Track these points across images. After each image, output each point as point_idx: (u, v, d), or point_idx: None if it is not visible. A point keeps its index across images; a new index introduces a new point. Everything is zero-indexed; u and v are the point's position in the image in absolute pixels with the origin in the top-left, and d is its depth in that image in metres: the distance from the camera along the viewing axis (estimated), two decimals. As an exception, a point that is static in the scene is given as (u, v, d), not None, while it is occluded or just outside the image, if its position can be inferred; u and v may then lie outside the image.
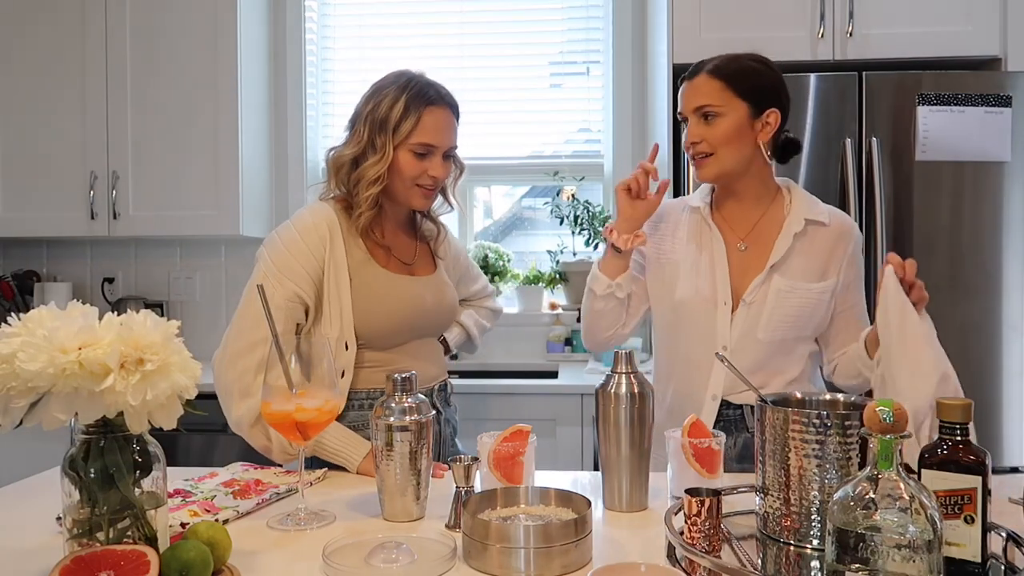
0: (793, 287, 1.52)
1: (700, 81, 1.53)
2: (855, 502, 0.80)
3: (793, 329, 1.53)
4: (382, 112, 1.47)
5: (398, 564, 0.97)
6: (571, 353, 3.10)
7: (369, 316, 1.46)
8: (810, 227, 1.56)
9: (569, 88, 3.33)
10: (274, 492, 1.29)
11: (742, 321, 1.54)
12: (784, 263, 1.54)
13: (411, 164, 1.47)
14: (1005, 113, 2.28)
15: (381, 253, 1.53)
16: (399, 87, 1.48)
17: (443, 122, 1.50)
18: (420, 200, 1.52)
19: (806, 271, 1.54)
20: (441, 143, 1.49)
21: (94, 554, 0.86)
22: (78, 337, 0.85)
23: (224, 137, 2.89)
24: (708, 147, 1.52)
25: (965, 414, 0.92)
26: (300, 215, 1.50)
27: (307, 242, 1.45)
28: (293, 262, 1.44)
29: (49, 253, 3.32)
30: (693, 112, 1.53)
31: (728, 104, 1.50)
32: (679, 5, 2.48)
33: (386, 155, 1.46)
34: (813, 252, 1.55)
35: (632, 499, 1.22)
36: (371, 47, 3.32)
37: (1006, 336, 2.31)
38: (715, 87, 1.51)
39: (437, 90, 1.51)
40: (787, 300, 1.52)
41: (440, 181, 1.52)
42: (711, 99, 1.50)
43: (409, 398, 1.19)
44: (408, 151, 1.47)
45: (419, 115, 1.46)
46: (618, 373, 1.24)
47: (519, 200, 3.54)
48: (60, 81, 2.93)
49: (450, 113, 1.52)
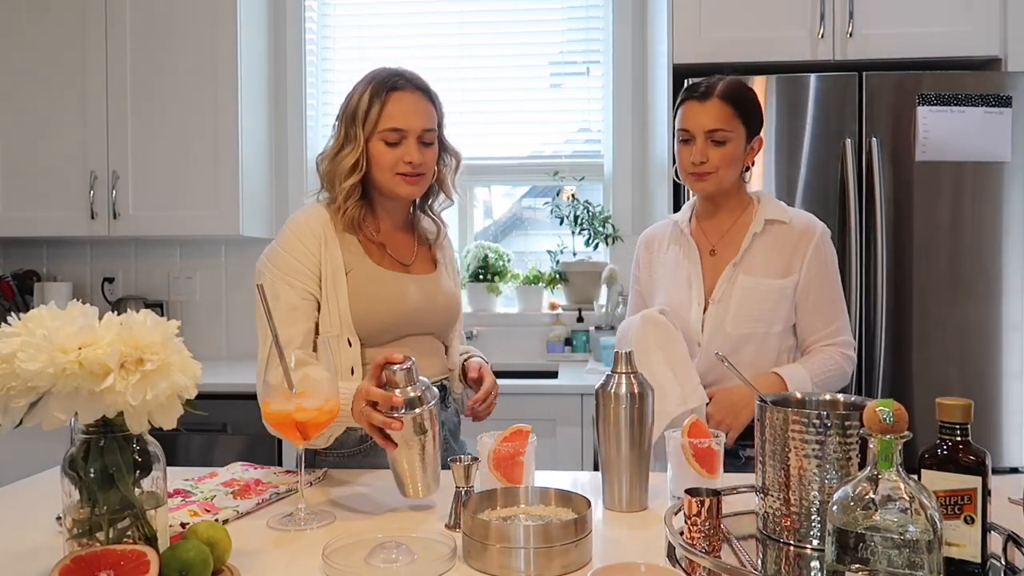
0: (756, 284, 1.62)
1: (713, 106, 1.60)
2: (855, 502, 0.80)
3: (760, 323, 1.61)
4: (352, 105, 1.49)
5: (398, 564, 0.97)
6: (571, 353, 3.10)
7: (363, 312, 1.46)
8: (772, 226, 1.65)
9: (569, 88, 3.33)
10: (274, 492, 1.29)
11: (712, 318, 1.63)
12: (746, 261, 1.64)
13: (385, 152, 1.47)
14: (1005, 113, 2.28)
15: (375, 250, 1.53)
16: (366, 79, 1.50)
17: (410, 106, 1.47)
18: (405, 187, 1.49)
19: (768, 268, 1.63)
20: (410, 126, 1.47)
21: (94, 554, 0.86)
22: (78, 337, 0.85)
23: (224, 137, 2.89)
24: (712, 167, 1.61)
25: (965, 414, 0.92)
26: (294, 217, 1.51)
27: (303, 241, 1.46)
28: (295, 262, 1.45)
29: (49, 253, 3.32)
30: (705, 133, 1.60)
31: (735, 130, 1.61)
32: (679, 5, 2.48)
33: (358, 144, 1.46)
34: (776, 249, 1.64)
35: (632, 499, 1.22)
36: (371, 47, 3.32)
37: (1006, 336, 2.31)
38: (727, 113, 1.60)
39: (403, 75, 1.49)
40: (751, 296, 1.61)
41: (421, 167, 1.48)
42: (723, 124, 1.59)
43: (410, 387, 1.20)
44: (379, 140, 1.46)
45: (383, 101, 1.46)
46: (618, 373, 1.24)
47: (519, 200, 3.55)
48: (60, 81, 2.93)
49: (420, 96, 1.49)
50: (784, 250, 1.64)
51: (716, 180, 1.62)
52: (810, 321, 1.64)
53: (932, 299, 2.32)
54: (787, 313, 1.63)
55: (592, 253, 3.18)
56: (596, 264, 3.14)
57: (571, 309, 3.17)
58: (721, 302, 1.63)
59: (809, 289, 1.62)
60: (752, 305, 1.61)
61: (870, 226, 2.30)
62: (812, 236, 1.64)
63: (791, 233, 1.64)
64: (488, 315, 3.20)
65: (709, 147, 1.60)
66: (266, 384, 1.17)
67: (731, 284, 1.63)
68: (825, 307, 1.64)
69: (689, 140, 1.62)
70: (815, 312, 1.63)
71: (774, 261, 1.63)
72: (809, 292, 1.63)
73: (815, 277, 1.63)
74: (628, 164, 3.18)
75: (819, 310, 1.63)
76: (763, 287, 1.61)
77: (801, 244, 1.64)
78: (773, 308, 1.61)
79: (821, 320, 1.64)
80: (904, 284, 2.32)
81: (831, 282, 1.66)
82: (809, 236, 1.64)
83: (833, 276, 1.66)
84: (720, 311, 1.63)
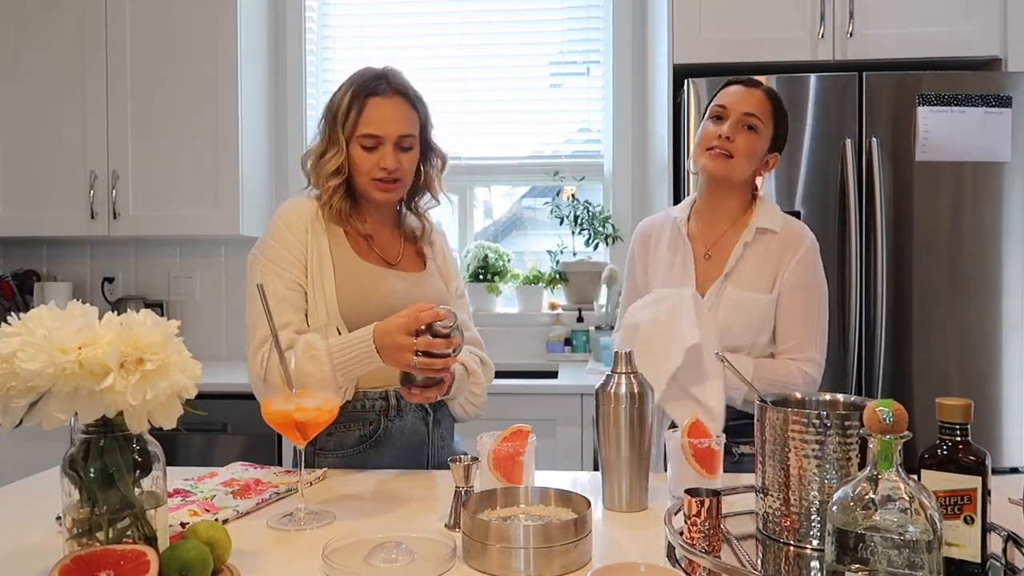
0: (742, 298, 1.60)
1: (758, 95, 1.62)
2: (855, 502, 0.80)
3: (746, 335, 1.59)
4: (334, 105, 1.49)
5: (398, 564, 0.97)
6: (571, 353, 3.10)
7: (348, 304, 1.46)
8: (762, 236, 1.63)
9: (569, 88, 3.33)
10: (274, 492, 1.29)
11: None
12: (737, 272, 1.62)
13: (363, 158, 1.48)
14: (1005, 113, 2.28)
15: (362, 244, 1.53)
16: (349, 81, 1.50)
17: (388, 112, 1.47)
18: (378, 194, 1.50)
19: (756, 282, 1.61)
20: (387, 133, 1.47)
21: (94, 554, 0.86)
22: (78, 337, 0.85)
23: (224, 137, 2.89)
24: (733, 150, 1.59)
25: (965, 414, 0.92)
26: (283, 206, 1.53)
27: (291, 229, 1.47)
28: (283, 251, 1.47)
29: (49, 253, 3.32)
30: (742, 114, 1.60)
31: (768, 124, 1.62)
32: (679, 5, 2.48)
33: (340, 148, 1.48)
34: (765, 261, 1.62)
35: (632, 499, 1.22)
36: (371, 47, 3.32)
37: (1006, 336, 2.31)
38: (767, 107, 1.62)
39: (387, 79, 1.49)
40: (737, 310, 1.59)
41: (395, 173, 1.48)
42: (761, 113, 1.60)
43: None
44: (357, 144, 1.47)
45: (362, 106, 1.47)
46: (618, 373, 1.24)
47: (519, 200, 3.54)
48: (60, 81, 2.93)
49: (400, 101, 1.49)
50: (771, 262, 1.61)
51: (730, 166, 1.59)
52: (780, 331, 1.60)
53: (932, 299, 2.31)
54: (772, 326, 1.61)
55: (592, 253, 3.18)
56: (596, 264, 3.14)
57: (571, 309, 3.17)
58: (710, 311, 1.60)
59: (783, 299, 1.60)
60: (739, 318, 1.59)
61: (870, 226, 2.30)
62: (798, 248, 1.61)
63: (778, 240, 1.62)
64: (488, 315, 3.20)
65: (740, 130, 1.59)
66: (266, 384, 1.17)
67: (719, 296, 1.61)
68: (797, 320, 1.59)
69: (722, 118, 1.61)
70: (786, 322, 1.59)
71: (762, 274, 1.61)
72: (782, 302, 1.60)
73: (790, 288, 1.59)
74: (628, 164, 3.18)
75: (790, 322, 1.59)
76: (749, 301, 1.59)
77: (786, 255, 1.61)
78: (760, 322, 1.59)
79: (790, 331, 1.59)
80: (904, 284, 2.32)
81: (808, 296, 1.61)
82: (795, 247, 1.61)
83: (813, 290, 1.61)
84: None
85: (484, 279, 3.19)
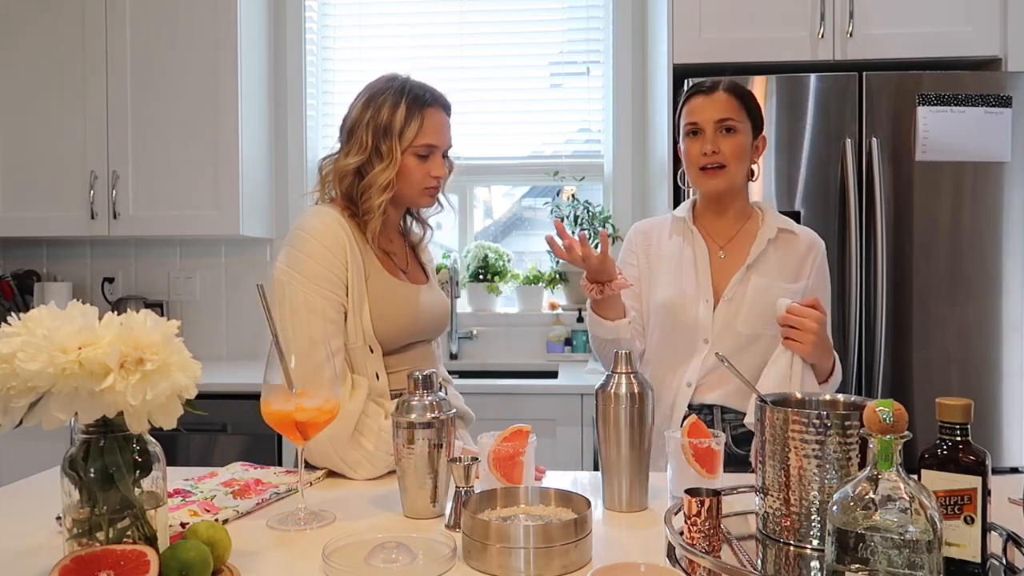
0: (770, 285, 1.63)
1: (721, 97, 1.62)
2: (855, 502, 0.80)
3: (771, 325, 1.58)
4: (384, 118, 1.47)
5: (398, 564, 0.97)
6: (571, 353, 3.10)
7: (381, 322, 1.46)
8: (783, 235, 1.68)
9: (569, 88, 3.33)
10: (274, 492, 1.29)
11: (723, 315, 1.64)
12: (760, 264, 1.65)
13: (416, 167, 1.50)
14: (1005, 113, 2.28)
15: (387, 259, 1.54)
16: (396, 92, 1.49)
17: (441, 122, 1.53)
18: (428, 200, 1.56)
19: (781, 272, 1.65)
20: (442, 143, 1.53)
21: (94, 554, 0.86)
22: (78, 337, 0.85)
23: (224, 137, 2.89)
24: (723, 159, 1.61)
25: (965, 414, 0.92)
26: (311, 224, 1.44)
27: (331, 250, 1.42)
28: (326, 271, 1.41)
29: (49, 253, 3.32)
30: (714, 123, 1.61)
31: (743, 122, 1.63)
32: (679, 5, 2.48)
33: (394, 160, 1.47)
34: (787, 256, 1.67)
35: (632, 499, 1.22)
36: (371, 47, 3.32)
37: (1006, 336, 2.31)
38: (734, 104, 1.62)
39: (431, 92, 1.53)
40: (764, 296, 1.61)
41: (442, 180, 1.55)
42: (732, 113, 1.61)
43: (429, 396, 1.20)
44: (412, 154, 1.49)
45: (421, 118, 1.49)
46: (618, 373, 1.24)
47: (519, 200, 3.55)
48: (60, 81, 2.93)
49: (444, 113, 1.55)
50: (794, 259, 1.67)
51: (727, 176, 1.62)
52: None
53: (932, 299, 2.32)
54: None
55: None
56: (596, 264, 3.13)
57: (571, 309, 3.17)
58: (733, 300, 1.63)
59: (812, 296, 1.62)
60: (766, 305, 1.60)
61: (870, 226, 2.30)
62: (818, 250, 1.70)
63: (800, 244, 1.69)
64: (488, 315, 3.20)
65: (720, 137, 1.61)
66: (267, 384, 1.17)
67: (744, 284, 1.64)
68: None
69: (698, 132, 1.62)
70: None
71: (786, 267, 1.66)
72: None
73: (817, 288, 1.68)
74: (628, 164, 3.18)
75: None
76: (776, 288, 1.62)
77: (809, 255, 1.68)
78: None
79: None
80: (904, 284, 2.32)
81: (827, 297, 1.71)
82: (816, 249, 1.70)
83: (826, 293, 1.71)
84: (732, 309, 1.63)
85: (484, 279, 3.19)
